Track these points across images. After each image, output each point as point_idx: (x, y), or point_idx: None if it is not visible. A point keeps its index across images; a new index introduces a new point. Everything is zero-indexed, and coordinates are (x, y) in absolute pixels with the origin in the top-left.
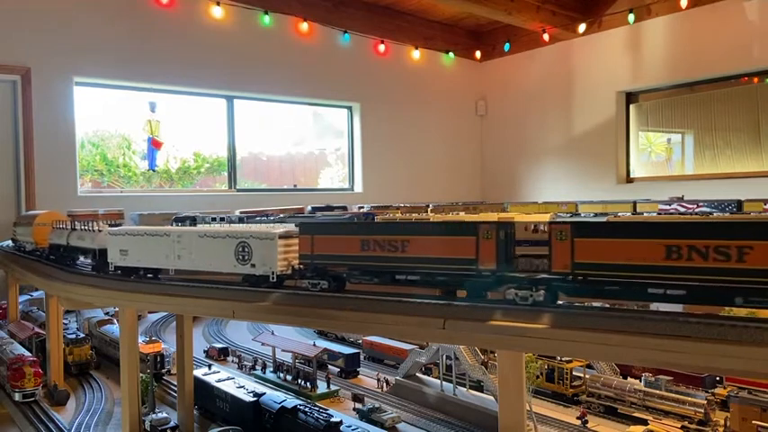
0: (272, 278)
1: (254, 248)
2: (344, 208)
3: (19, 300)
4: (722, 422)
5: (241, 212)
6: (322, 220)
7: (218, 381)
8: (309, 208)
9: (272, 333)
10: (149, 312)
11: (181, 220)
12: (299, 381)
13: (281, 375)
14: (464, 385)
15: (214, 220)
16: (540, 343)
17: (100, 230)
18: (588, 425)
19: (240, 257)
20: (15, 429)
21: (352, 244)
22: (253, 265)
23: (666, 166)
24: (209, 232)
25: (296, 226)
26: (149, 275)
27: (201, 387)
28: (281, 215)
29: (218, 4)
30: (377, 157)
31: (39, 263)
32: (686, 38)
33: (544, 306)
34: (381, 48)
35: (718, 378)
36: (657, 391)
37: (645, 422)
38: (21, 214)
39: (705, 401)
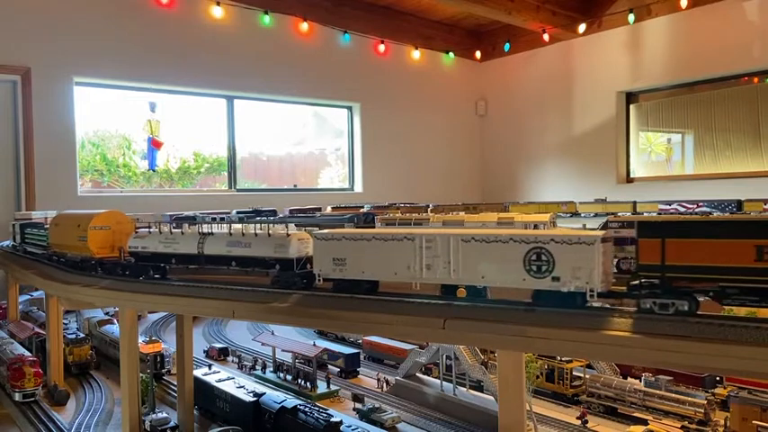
0: (591, 296)
1: (558, 256)
2: (274, 212)
3: (19, 300)
4: (722, 422)
5: (171, 215)
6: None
7: (218, 381)
8: (234, 212)
9: (272, 333)
10: (149, 312)
11: (181, 221)
12: (299, 381)
13: (281, 375)
14: (464, 385)
15: (214, 219)
16: (540, 343)
17: (288, 234)
18: (588, 425)
19: (534, 268)
20: (15, 429)
21: (741, 251)
22: (555, 279)
23: (666, 166)
24: (479, 236)
25: (627, 225)
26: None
27: (201, 387)
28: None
29: (218, 4)
30: (377, 157)
31: (39, 263)
32: (686, 38)
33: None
34: (381, 48)
35: (718, 378)
36: (657, 391)
37: (645, 422)
38: (59, 214)
39: (705, 401)
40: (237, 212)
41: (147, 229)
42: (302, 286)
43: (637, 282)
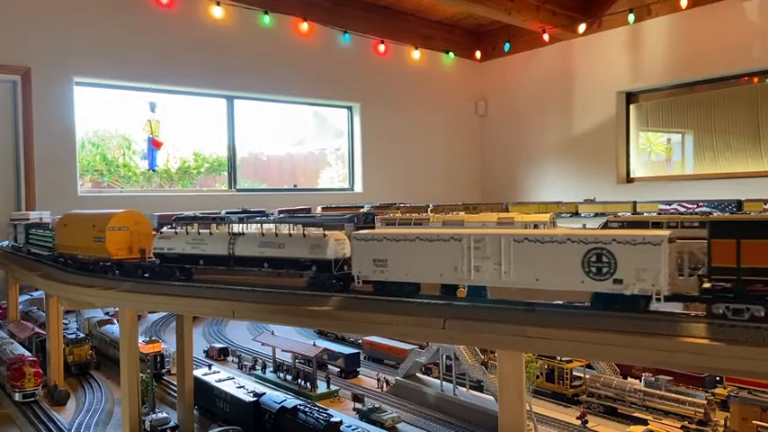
0: (657, 299)
1: (621, 257)
2: (263, 212)
3: (19, 300)
4: (722, 422)
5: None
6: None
7: (218, 381)
8: (224, 212)
9: (272, 333)
10: (149, 312)
11: (182, 220)
12: (299, 381)
13: (281, 375)
14: (464, 385)
15: (214, 219)
16: (540, 343)
17: (325, 235)
18: (588, 425)
19: (594, 270)
20: (15, 429)
21: None
22: (617, 281)
23: (666, 167)
24: (532, 236)
25: (698, 225)
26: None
27: (201, 387)
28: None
29: (218, 4)
30: (377, 157)
31: (46, 265)
32: (686, 38)
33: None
34: (381, 48)
35: (718, 378)
36: (657, 391)
37: (645, 422)
38: (66, 214)
39: (705, 401)
40: (226, 212)
41: (173, 230)
42: (339, 289)
43: (708, 285)
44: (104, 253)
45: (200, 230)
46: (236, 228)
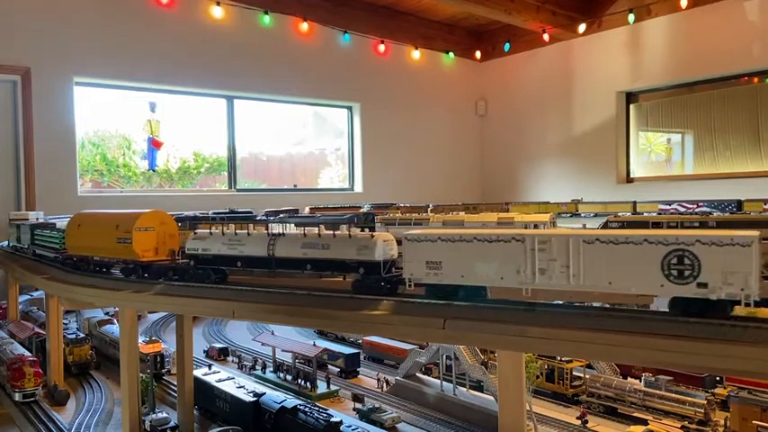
0: (746, 304)
1: (705, 259)
2: (251, 213)
3: (19, 300)
4: (722, 422)
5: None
6: None
7: (218, 381)
8: (211, 213)
9: (272, 333)
10: (149, 312)
11: (181, 220)
12: (299, 381)
13: (281, 375)
14: (464, 385)
15: (214, 219)
16: (540, 343)
17: (372, 236)
18: (588, 425)
19: (675, 273)
20: (15, 429)
21: None
22: (701, 285)
23: (666, 167)
24: (605, 236)
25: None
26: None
27: (201, 387)
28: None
29: (218, 4)
30: (377, 157)
31: (41, 263)
32: (686, 38)
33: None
34: (381, 48)
35: (718, 378)
36: (657, 391)
37: (645, 422)
38: (78, 214)
39: (705, 401)
40: (214, 213)
41: (208, 230)
42: (387, 292)
43: None
44: (130, 255)
45: (238, 231)
46: (276, 228)
